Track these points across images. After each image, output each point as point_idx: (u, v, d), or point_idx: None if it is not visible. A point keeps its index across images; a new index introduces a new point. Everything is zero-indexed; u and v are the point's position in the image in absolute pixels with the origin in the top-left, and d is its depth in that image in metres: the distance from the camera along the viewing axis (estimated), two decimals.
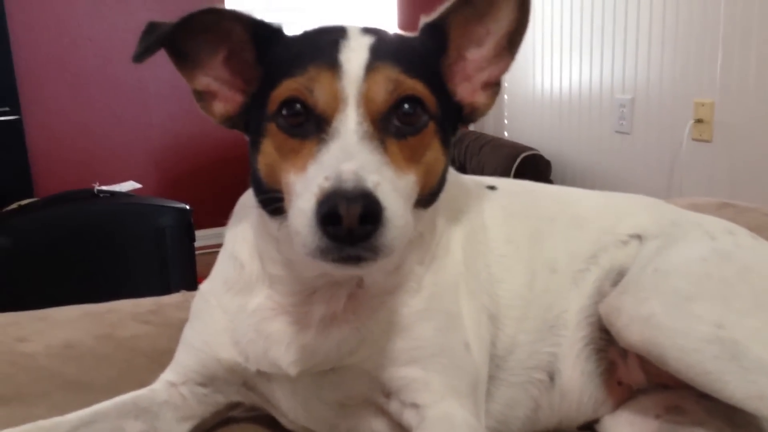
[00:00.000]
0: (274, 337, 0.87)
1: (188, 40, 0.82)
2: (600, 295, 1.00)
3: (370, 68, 0.75)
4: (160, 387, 0.97)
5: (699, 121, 2.96)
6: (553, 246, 1.02)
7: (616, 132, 3.47)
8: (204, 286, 0.99)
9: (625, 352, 0.98)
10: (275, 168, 0.76)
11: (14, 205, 3.00)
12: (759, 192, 2.58)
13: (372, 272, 0.84)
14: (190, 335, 0.98)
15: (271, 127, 0.76)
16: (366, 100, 0.74)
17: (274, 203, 0.77)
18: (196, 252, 3.21)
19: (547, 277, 1.00)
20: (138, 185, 3.41)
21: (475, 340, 0.91)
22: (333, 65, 0.74)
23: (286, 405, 0.93)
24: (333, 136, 0.72)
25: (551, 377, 0.98)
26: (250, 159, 0.81)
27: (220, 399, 0.98)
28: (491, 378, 0.94)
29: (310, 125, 0.74)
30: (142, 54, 0.78)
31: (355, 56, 0.75)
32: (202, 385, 0.96)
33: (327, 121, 0.73)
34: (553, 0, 3.86)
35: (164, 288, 2.81)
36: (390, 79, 0.75)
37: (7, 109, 3.63)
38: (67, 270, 2.83)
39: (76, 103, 4.04)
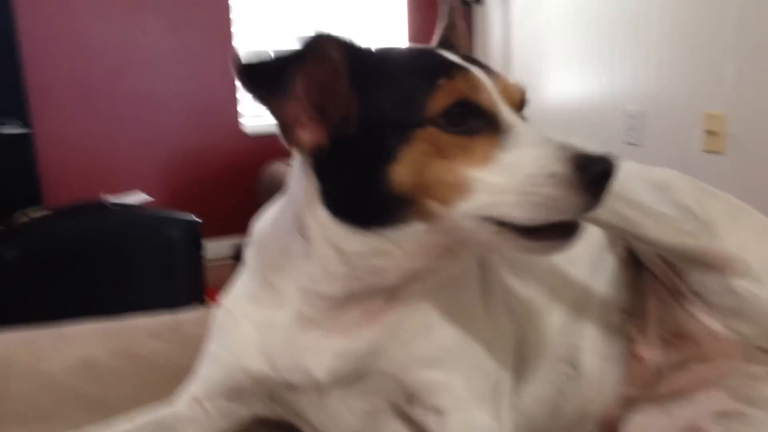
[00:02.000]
0: (303, 345, 0.88)
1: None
2: (620, 282, 1.02)
3: (488, 72, 0.81)
4: (182, 403, 0.97)
5: (710, 132, 2.95)
6: None
7: (627, 143, 3.46)
8: (227, 302, 0.99)
9: (643, 327, 1.00)
10: (427, 170, 0.76)
11: (23, 217, 3.00)
12: None
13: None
14: (215, 349, 0.97)
15: (429, 130, 0.76)
16: (508, 97, 0.81)
17: (397, 211, 0.78)
18: (205, 263, 3.20)
19: (566, 270, 1.02)
20: (147, 197, 3.41)
21: (498, 340, 0.92)
22: (466, 68, 0.79)
23: (314, 417, 0.93)
24: (508, 128, 0.76)
25: (575, 367, 0.99)
26: (369, 166, 0.78)
27: (245, 413, 0.97)
28: (518, 375, 0.95)
29: (476, 122, 0.77)
30: (271, 96, 0.77)
31: (465, 63, 0.81)
32: (228, 398, 0.95)
33: (494, 116, 0.77)
34: (561, 11, 3.87)
35: (173, 299, 2.80)
36: (513, 83, 0.83)
37: (18, 122, 3.63)
38: (75, 282, 2.83)
39: (86, 115, 4.05)
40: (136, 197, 3.33)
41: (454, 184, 0.75)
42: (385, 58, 0.82)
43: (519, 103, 0.83)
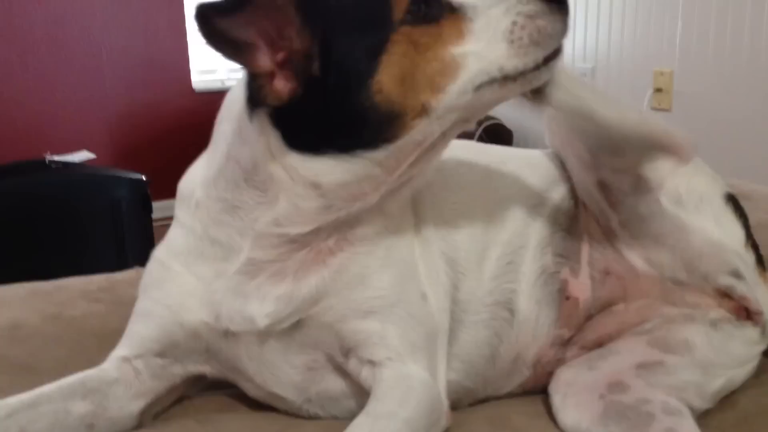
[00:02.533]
0: (248, 291, 0.88)
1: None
2: (556, 226, 1.04)
3: None
4: (110, 365, 0.94)
5: (658, 90, 2.98)
6: (506, 185, 1.06)
7: None
8: (159, 253, 0.97)
9: (576, 269, 1.03)
10: (412, 68, 0.79)
11: None
12: (717, 160, 2.60)
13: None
14: (147, 305, 0.95)
15: (401, 31, 0.79)
16: None
17: (384, 128, 0.80)
18: (154, 224, 3.14)
19: (503, 215, 1.03)
20: (92, 155, 3.31)
21: (433, 288, 0.93)
22: None
23: (253, 369, 0.92)
24: (461, 3, 0.81)
25: (511, 311, 1.00)
26: (346, 95, 0.79)
27: (178, 371, 0.95)
28: (455, 321, 0.96)
29: (437, 9, 0.80)
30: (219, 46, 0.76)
31: None
32: (160, 355, 0.93)
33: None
34: None
35: (121, 262, 2.73)
36: None
37: None
38: (17, 245, 2.75)
39: (26, 69, 3.89)
40: (81, 155, 3.24)
41: (442, 68, 0.79)
42: None
43: None
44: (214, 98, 3.98)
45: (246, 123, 0.85)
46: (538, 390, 1.02)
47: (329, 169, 0.82)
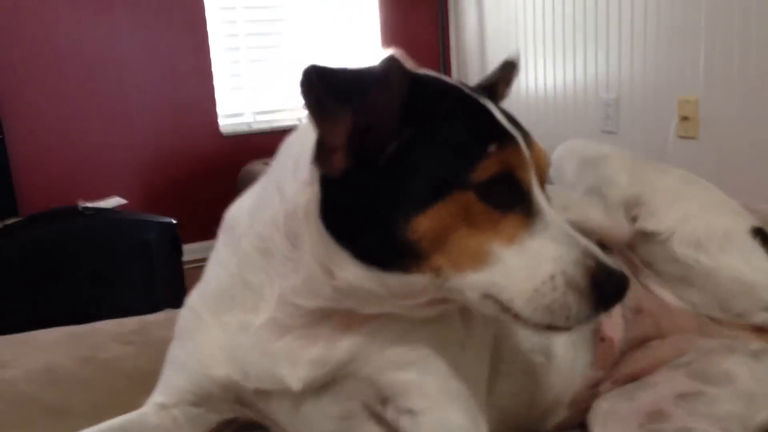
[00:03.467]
0: (277, 353, 0.85)
1: None
2: None
3: (528, 141, 0.79)
4: (149, 410, 0.94)
5: (684, 118, 2.96)
6: None
7: (603, 131, 3.47)
8: (193, 299, 0.95)
9: None
10: (451, 232, 0.73)
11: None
12: (746, 187, 2.57)
13: None
14: (180, 354, 0.94)
15: (467, 194, 0.73)
16: (539, 169, 0.78)
17: (403, 259, 0.74)
18: (184, 267, 3.18)
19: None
20: (123, 200, 3.37)
21: (473, 338, 0.90)
22: (516, 138, 0.77)
23: (285, 421, 0.90)
24: (538, 212, 0.75)
25: (547, 356, 0.98)
26: (386, 203, 0.74)
27: (214, 418, 0.95)
28: (492, 369, 0.94)
29: (511, 199, 0.75)
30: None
31: (511, 127, 0.78)
32: (195, 405, 0.93)
33: (529, 197, 0.76)
34: (536, 0, 3.87)
35: (152, 305, 2.77)
36: (545, 154, 0.81)
37: None
38: (52, 290, 2.80)
39: (59, 119, 4.00)
40: (112, 201, 3.30)
41: (474, 254, 0.73)
42: (440, 100, 0.77)
43: (545, 175, 0.81)
44: (241, 141, 4.07)
45: (306, 162, 0.78)
46: (574, 426, 1.00)
47: (345, 264, 0.77)
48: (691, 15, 2.88)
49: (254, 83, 4.43)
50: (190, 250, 3.47)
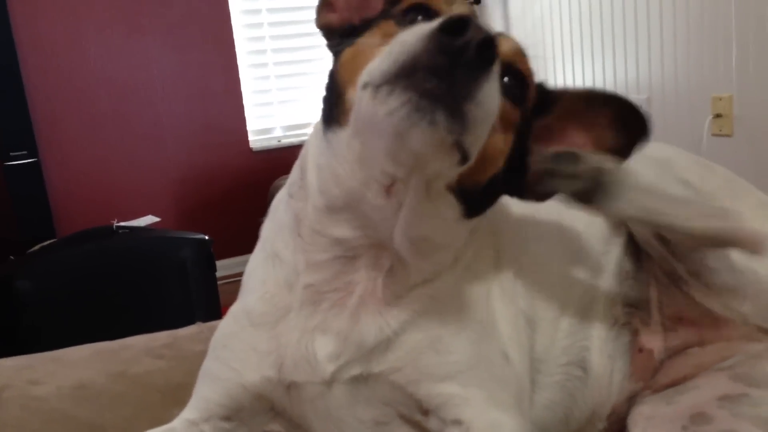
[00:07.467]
0: (316, 326, 0.84)
1: None
2: (624, 274, 0.99)
3: (497, 34, 0.77)
4: (178, 425, 0.93)
5: (718, 116, 2.90)
6: (576, 236, 1.01)
7: None
8: (235, 306, 0.95)
9: (648, 317, 0.98)
10: (361, 59, 0.73)
11: (37, 248, 3.01)
12: None
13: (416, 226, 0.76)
14: (213, 366, 0.94)
15: (386, 22, 0.81)
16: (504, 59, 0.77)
17: (337, 108, 0.77)
18: (218, 282, 3.19)
19: (575, 269, 0.99)
20: (156, 219, 3.41)
21: (515, 348, 0.88)
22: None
23: (319, 425, 0.89)
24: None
25: (585, 370, 0.96)
26: (332, 73, 0.82)
27: None
28: (531, 383, 0.92)
29: (422, 21, 0.75)
30: None
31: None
32: (226, 419, 0.92)
33: (435, 17, 0.75)
34: (559, 4, 3.83)
35: (188, 321, 2.78)
36: (511, 43, 0.81)
37: (24, 152, 3.67)
38: (89, 309, 2.83)
39: (93, 142, 4.08)
40: (146, 220, 3.34)
41: (365, 60, 0.70)
42: None
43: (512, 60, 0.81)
44: (271, 156, 4.08)
45: (321, 136, 0.81)
46: None
47: (323, 151, 0.80)
48: (721, 12, 2.82)
49: (282, 99, 4.47)
50: (223, 266, 3.49)
